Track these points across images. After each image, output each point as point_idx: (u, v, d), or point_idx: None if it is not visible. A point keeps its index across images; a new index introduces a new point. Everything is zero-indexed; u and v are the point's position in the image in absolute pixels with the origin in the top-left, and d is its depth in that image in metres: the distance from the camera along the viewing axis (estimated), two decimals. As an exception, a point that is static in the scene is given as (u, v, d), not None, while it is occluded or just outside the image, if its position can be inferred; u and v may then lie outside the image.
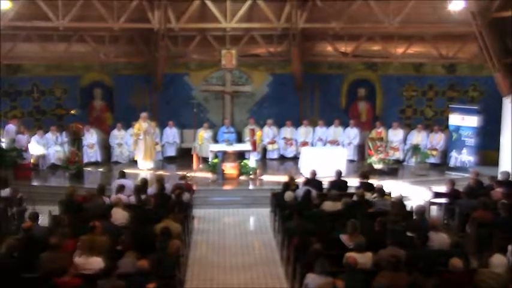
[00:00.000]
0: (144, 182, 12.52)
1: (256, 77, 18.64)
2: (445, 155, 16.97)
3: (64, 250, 8.44)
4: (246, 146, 16.47)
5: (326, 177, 13.46)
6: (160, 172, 15.78)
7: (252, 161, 15.86)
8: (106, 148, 17.86)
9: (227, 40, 17.99)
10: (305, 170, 14.86)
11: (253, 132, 17.25)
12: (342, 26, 16.62)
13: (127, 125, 17.60)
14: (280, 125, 18.28)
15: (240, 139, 17.82)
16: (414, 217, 10.48)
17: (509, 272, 8.10)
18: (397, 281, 7.54)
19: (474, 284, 7.67)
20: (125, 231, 9.50)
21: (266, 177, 15.73)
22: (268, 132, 18.08)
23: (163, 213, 10.23)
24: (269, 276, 10.11)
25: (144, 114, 16.69)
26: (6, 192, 12.30)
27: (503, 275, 7.91)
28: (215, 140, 17.72)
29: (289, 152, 18.16)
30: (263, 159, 17.88)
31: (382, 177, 15.17)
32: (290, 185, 12.45)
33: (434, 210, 12.82)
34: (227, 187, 15.11)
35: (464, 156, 16.33)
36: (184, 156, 17.62)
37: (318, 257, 8.02)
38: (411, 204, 12.15)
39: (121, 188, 11.93)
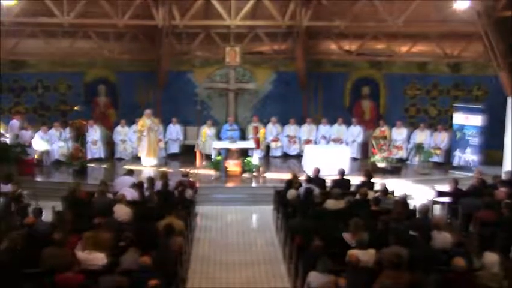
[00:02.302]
0: (151, 180, 12.52)
1: (260, 74, 18.63)
2: (448, 154, 16.94)
3: (67, 246, 8.45)
4: (249, 144, 16.46)
5: (329, 175, 13.45)
6: (164, 169, 15.79)
7: (255, 158, 15.87)
8: (109, 144, 17.89)
9: (231, 37, 17.97)
10: (308, 168, 14.85)
11: (256, 129, 17.27)
12: (346, 24, 16.58)
13: (130, 122, 17.62)
14: (283, 122, 18.27)
15: (243, 136, 17.80)
16: (417, 216, 10.46)
17: (503, 269, 8.10)
18: (399, 280, 7.52)
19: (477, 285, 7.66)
20: (128, 228, 9.52)
21: (269, 175, 15.72)
22: (271, 130, 18.08)
23: (166, 210, 10.23)
24: (271, 274, 10.11)
25: (148, 111, 16.69)
26: (9, 187, 12.33)
27: (500, 273, 7.91)
28: (218, 137, 17.72)
29: (293, 150, 18.15)
30: (266, 156, 17.89)
31: (386, 176, 15.15)
32: (293, 183, 12.44)
33: (437, 209, 12.80)
34: (230, 184, 15.11)
35: (468, 156, 16.29)
36: (187, 153, 17.61)
37: (320, 254, 8.02)
38: (414, 203, 12.13)
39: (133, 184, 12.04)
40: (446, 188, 12.87)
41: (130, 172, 13.12)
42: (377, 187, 12.51)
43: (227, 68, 17.83)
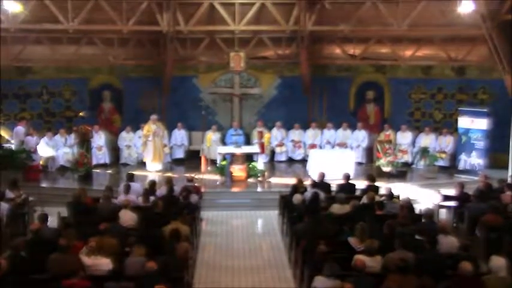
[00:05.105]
0: (153, 184, 12.55)
1: (264, 79, 18.64)
2: (454, 157, 16.89)
3: (73, 252, 8.46)
4: (254, 148, 16.47)
5: (334, 180, 13.43)
6: (169, 174, 15.79)
7: (260, 163, 15.86)
8: (114, 150, 17.92)
9: (236, 42, 18.02)
10: (313, 172, 14.83)
11: (261, 134, 17.26)
12: (351, 28, 16.62)
13: (135, 127, 17.65)
14: (288, 127, 18.26)
15: (248, 141, 17.81)
16: (423, 220, 10.43)
17: (511, 273, 8.07)
18: (405, 284, 7.49)
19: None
20: (133, 233, 9.52)
21: (274, 180, 15.70)
22: (276, 135, 18.07)
23: (172, 215, 10.23)
24: (277, 279, 10.08)
25: (154, 117, 16.71)
26: (14, 193, 12.35)
27: (508, 277, 7.87)
28: (223, 142, 17.73)
29: (298, 155, 18.13)
30: (271, 161, 17.88)
31: (391, 180, 15.10)
32: (298, 188, 12.43)
33: (443, 214, 12.75)
34: (235, 189, 15.09)
35: (473, 159, 16.24)
36: (192, 159, 17.64)
37: (325, 259, 8.00)
38: (420, 207, 12.10)
39: (128, 188, 12.02)
40: (452, 192, 12.82)
41: (130, 177, 13.06)
42: (382, 191, 12.48)
43: (231, 73, 17.85)
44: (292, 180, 13.50)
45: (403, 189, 13.87)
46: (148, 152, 16.65)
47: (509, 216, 10.66)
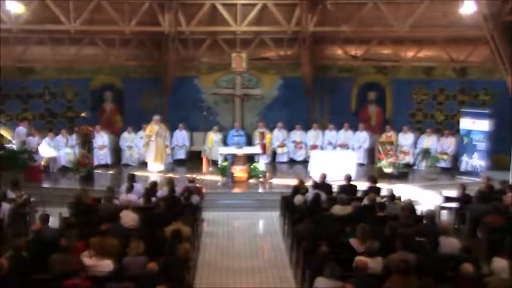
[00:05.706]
0: (154, 185, 12.55)
1: (266, 80, 18.63)
2: (455, 159, 16.87)
3: (74, 252, 8.47)
4: (255, 149, 16.46)
5: (336, 181, 13.42)
6: (170, 175, 15.79)
7: (261, 164, 15.86)
8: (116, 150, 17.93)
9: (237, 43, 18.01)
10: (315, 173, 14.82)
11: (262, 135, 17.25)
12: (352, 29, 16.62)
13: (137, 128, 17.65)
14: (289, 128, 18.26)
15: (249, 142, 17.80)
16: (424, 221, 10.42)
17: None
18: (406, 285, 7.48)
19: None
20: (135, 234, 9.51)
21: (276, 181, 15.70)
22: (277, 136, 18.06)
23: (173, 216, 10.23)
24: (278, 280, 10.08)
25: (156, 117, 16.71)
26: (16, 194, 12.37)
27: (510, 279, 7.85)
28: (225, 143, 17.72)
29: (299, 156, 18.12)
30: (273, 162, 17.87)
31: (392, 181, 15.10)
32: (300, 189, 12.42)
33: (444, 215, 12.74)
34: (236, 190, 15.09)
35: (475, 161, 16.22)
36: (193, 159, 17.63)
37: (326, 260, 8.00)
38: (421, 208, 12.08)
39: (131, 188, 11.99)
40: (453, 193, 12.82)
41: (132, 177, 13.04)
42: (384, 192, 12.47)
43: (233, 73, 17.85)
44: (294, 181, 13.47)
45: (404, 191, 13.87)
46: (150, 153, 16.65)
47: (510, 217, 10.64)
